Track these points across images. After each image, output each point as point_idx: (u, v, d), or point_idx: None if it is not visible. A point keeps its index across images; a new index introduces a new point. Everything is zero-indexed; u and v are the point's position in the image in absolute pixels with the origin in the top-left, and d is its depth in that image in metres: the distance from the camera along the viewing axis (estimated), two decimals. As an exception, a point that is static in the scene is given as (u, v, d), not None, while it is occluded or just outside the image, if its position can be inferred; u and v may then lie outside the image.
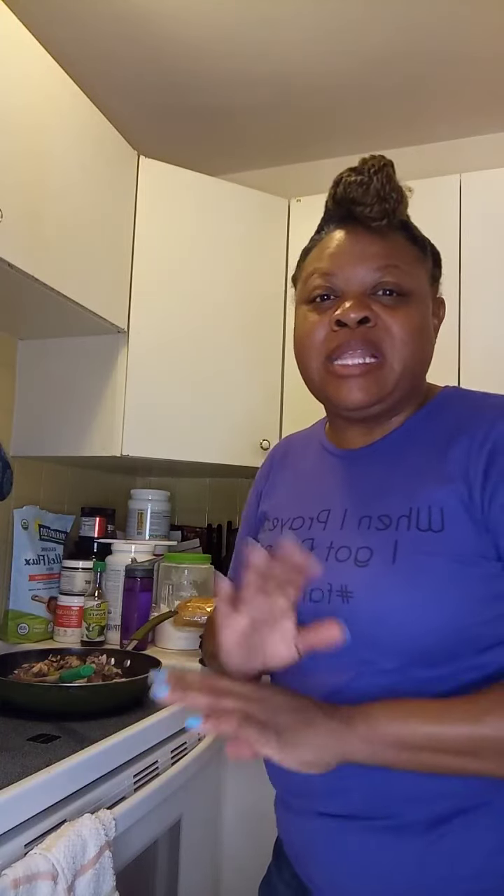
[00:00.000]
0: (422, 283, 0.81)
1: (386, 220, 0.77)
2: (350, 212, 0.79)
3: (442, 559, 0.69)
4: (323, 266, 0.80)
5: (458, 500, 0.72)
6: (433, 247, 0.86)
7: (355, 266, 0.78)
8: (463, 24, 1.70)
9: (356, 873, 0.72)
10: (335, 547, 0.77)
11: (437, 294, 0.86)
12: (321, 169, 2.35)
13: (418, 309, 0.79)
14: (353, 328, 0.76)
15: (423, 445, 0.79)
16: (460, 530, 0.70)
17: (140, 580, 1.73)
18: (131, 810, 0.98)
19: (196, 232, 1.86)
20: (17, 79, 1.32)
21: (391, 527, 0.74)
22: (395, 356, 0.77)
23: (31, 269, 1.36)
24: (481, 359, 1.76)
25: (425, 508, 0.73)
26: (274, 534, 0.87)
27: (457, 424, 0.78)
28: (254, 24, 1.71)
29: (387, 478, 0.79)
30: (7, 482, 1.65)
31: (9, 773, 0.87)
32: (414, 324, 0.78)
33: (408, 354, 0.77)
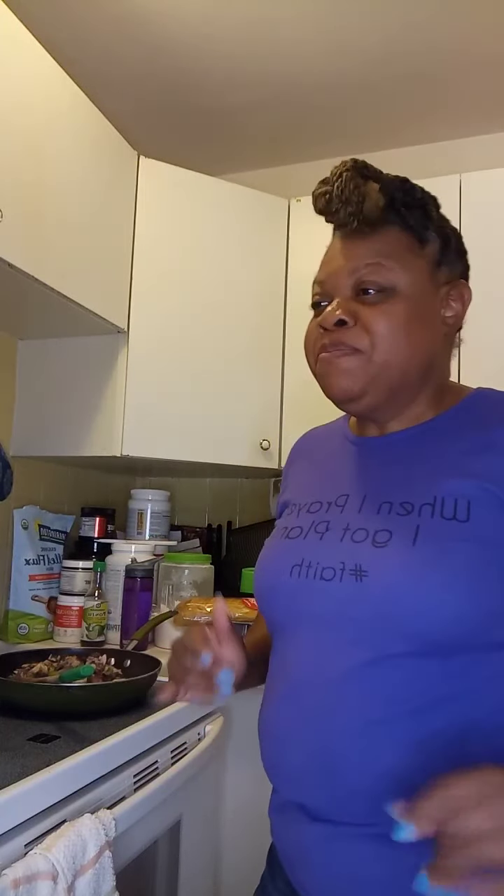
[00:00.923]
0: (414, 275, 0.80)
1: (355, 221, 0.78)
2: (326, 220, 0.83)
3: (466, 545, 0.69)
4: (318, 274, 0.85)
5: (489, 495, 0.72)
6: (444, 230, 0.85)
7: (338, 270, 0.81)
8: (463, 24, 1.70)
9: (349, 882, 0.71)
10: (352, 529, 0.77)
11: (451, 278, 0.84)
12: (321, 169, 2.33)
13: (405, 302, 0.78)
14: (332, 331, 0.79)
15: (449, 441, 0.79)
16: (489, 523, 0.70)
17: (140, 580, 1.73)
18: (131, 810, 0.98)
19: (196, 232, 1.86)
20: (17, 79, 1.33)
21: (413, 513, 0.74)
22: (375, 350, 0.77)
23: (31, 269, 1.36)
24: (482, 358, 1.76)
25: (451, 499, 0.73)
26: (291, 518, 0.88)
27: (493, 423, 0.78)
28: (254, 24, 1.71)
29: (409, 468, 0.79)
30: (7, 482, 1.65)
31: (9, 773, 0.87)
32: (398, 317, 0.78)
33: (390, 347, 0.77)
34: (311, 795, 0.74)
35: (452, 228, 0.86)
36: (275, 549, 0.85)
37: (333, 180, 0.79)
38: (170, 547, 2.04)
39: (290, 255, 1.97)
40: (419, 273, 0.80)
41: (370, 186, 0.80)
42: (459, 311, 0.84)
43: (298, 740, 0.74)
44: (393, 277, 0.78)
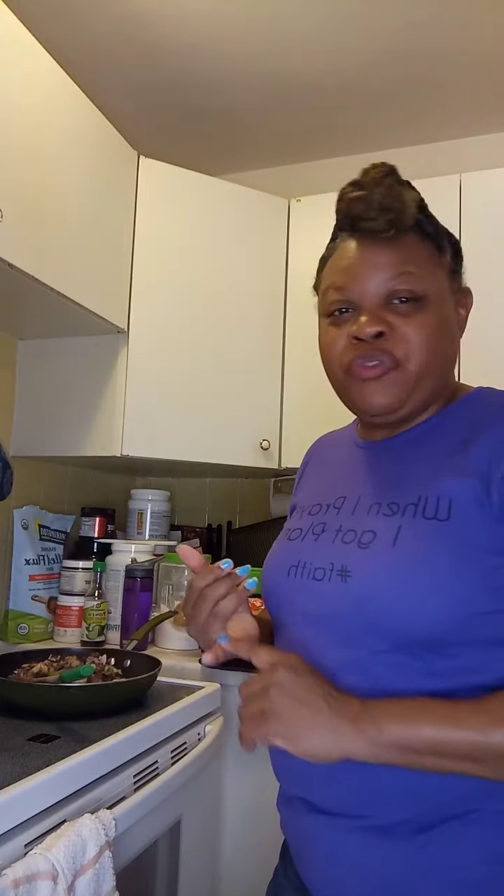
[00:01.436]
0: (438, 282, 0.81)
1: (393, 230, 0.77)
2: (356, 226, 0.80)
3: (443, 546, 0.70)
4: (338, 280, 0.82)
5: (471, 494, 0.72)
6: (451, 237, 0.85)
7: (367, 278, 0.79)
8: (463, 24, 1.70)
9: (348, 873, 0.73)
10: (343, 530, 0.79)
11: (460, 285, 0.85)
12: (321, 169, 2.36)
13: (435, 310, 0.79)
14: (369, 342, 0.78)
15: (443, 440, 0.80)
16: (468, 522, 0.71)
17: (140, 580, 1.73)
18: (131, 810, 0.98)
19: (196, 232, 1.86)
20: (17, 79, 1.33)
21: (398, 513, 0.75)
22: (412, 360, 0.78)
23: (31, 269, 1.36)
24: (482, 358, 1.76)
25: (434, 498, 0.73)
26: (295, 519, 0.90)
27: (480, 421, 0.78)
28: (254, 23, 1.71)
29: (403, 468, 0.81)
30: (7, 482, 1.65)
31: (9, 773, 0.87)
32: (430, 327, 0.78)
33: (425, 357, 0.78)
34: (311, 790, 0.76)
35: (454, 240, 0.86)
36: (278, 550, 0.88)
37: (372, 185, 0.76)
38: (170, 547, 2.04)
39: (290, 255, 1.97)
40: (442, 281, 0.81)
41: (410, 194, 0.78)
42: (464, 318, 0.86)
43: None
44: (423, 286, 0.78)
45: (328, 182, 2.30)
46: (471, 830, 0.69)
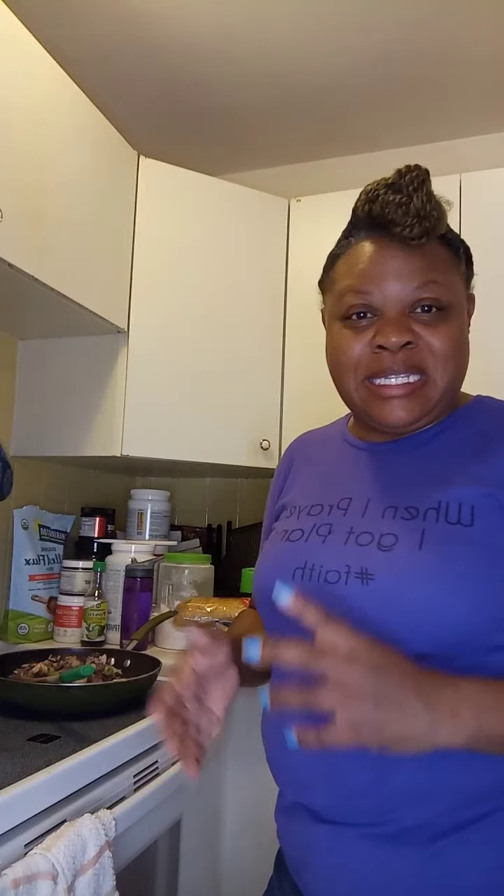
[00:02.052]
0: (459, 291, 0.79)
1: (426, 238, 0.75)
2: (385, 229, 0.77)
3: (471, 549, 0.69)
4: (357, 283, 0.78)
5: (493, 501, 0.72)
6: (464, 244, 0.84)
7: (393, 283, 0.76)
8: (463, 23, 1.70)
9: (355, 885, 0.70)
10: (356, 532, 0.77)
11: (468, 289, 0.85)
12: (321, 169, 2.36)
13: (458, 320, 0.78)
14: (394, 352, 0.75)
15: (452, 447, 0.79)
16: (493, 528, 0.71)
17: (140, 580, 1.73)
18: (131, 810, 0.98)
19: (196, 232, 1.86)
20: (18, 79, 1.33)
21: (418, 517, 0.74)
22: (439, 373, 0.76)
23: (31, 269, 1.36)
24: (482, 359, 1.75)
25: (455, 503, 0.73)
26: (290, 520, 0.87)
27: (492, 430, 0.78)
28: (254, 23, 1.71)
29: (413, 473, 0.79)
30: (7, 482, 1.65)
31: (9, 773, 0.87)
32: (455, 338, 0.77)
33: (451, 369, 0.77)
34: (315, 797, 0.74)
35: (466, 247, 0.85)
36: (276, 552, 0.84)
37: (410, 190, 0.74)
38: (170, 547, 2.04)
39: (290, 255, 1.97)
40: (460, 289, 0.80)
41: (443, 202, 0.77)
42: (469, 323, 0.85)
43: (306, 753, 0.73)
44: (447, 295, 0.77)
45: (328, 182, 2.30)
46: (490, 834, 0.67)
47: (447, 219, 0.77)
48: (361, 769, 0.67)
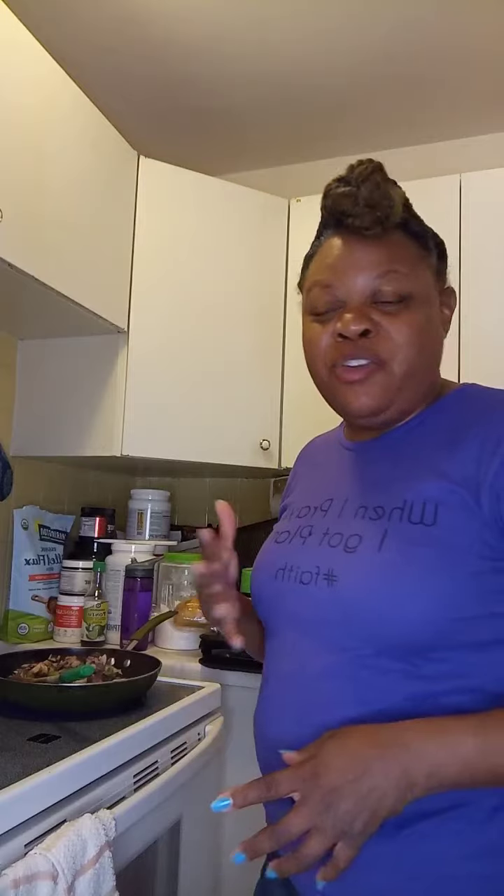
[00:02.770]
0: (424, 282, 0.80)
1: (379, 227, 0.77)
2: (342, 223, 0.79)
3: (430, 550, 0.69)
4: (323, 277, 0.81)
5: (457, 499, 0.71)
6: (437, 238, 0.85)
7: (354, 276, 0.78)
8: (463, 23, 1.70)
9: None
10: (330, 533, 0.79)
11: (444, 285, 0.85)
12: (321, 169, 2.36)
13: (420, 310, 0.79)
14: (354, 340, 0.77)
15: (429, 441, 0.79)
16: (455, 527, 0.70)
17: (140, 580, 1.73)
18: (131, 810, 0.98)
19: (196, 232, 1.86)
20: (17, 79, 1.33)
21: (384, 517, 0.74)
22: (397, 360, 0.77)
23: (31, 269, 1.36)
24: (482, 358, 1.76)
25: (419, 502, 0.73)
26: (284, 522, 0.90)
27: (468, 422, 0.77)
28: (254, 24, 1.71)
29: (389, 470, 0.80)
30: (7, 482, 1.65)
31: (9, 773, 0.87)
32: (416, 326, 0.78)
33: (411, 357, 0.77)
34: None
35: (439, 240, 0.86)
36: (266, 553, 0.88)
37: (359, 181, 0.76)
38: (170, 547, 2.04)
39: (290, 255, 1.97)
40: (427, 280, 0.81)
41: (397, 192, 0.78)
42: (449, 318, 0.85)
43: (281, 740, 0.74)
44: (409, 285, 0.78)
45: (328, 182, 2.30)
46: (454, 826, 0.67)
47: (401, 209, 0.78)
48: None
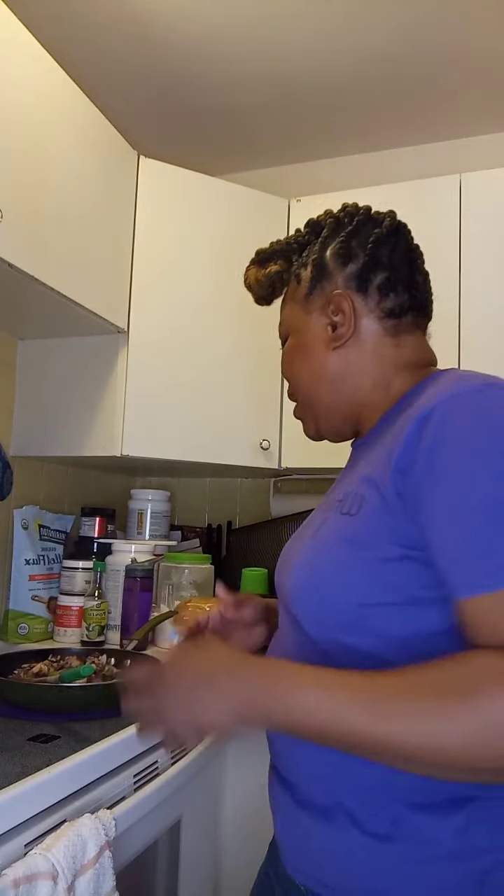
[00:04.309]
0: (294, 316, 0.90)
1: (263, 302, 0.98)
2: None
3: (343, 540, 0.73)
4: None
5: (375, 490, 0.71)
6: (320, 253, 0.86)
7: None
8: (463, 23, 1.70)
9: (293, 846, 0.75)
10: (307, 526, 0.86)
11: (330, 295, 0.85)
12: (321, 169, 2.36)
13: (293, 342, 0.90)
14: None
15: (381, 435, 0.80)
16: (370, 516, 0.71)
17: (140, 580, 1.73)
18: (131, 810, 0.98)
19: (196, 232, 1.86)
20: (17, 79, 1.33)
21: (329, 510, 0.80)
22: (295, 389, 0.91)
23: (31, 269, 1.36)
24: (481, 358, 1.76)
25: (353, 494, 0.75)
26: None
27: (403, 415, 0.75)
28: (254, 23, 1.71)
29: (353, 467, 0.84)
30: (7, 482, 1.65)
31: (9, 773, 0.87)
32: (290, 357, 0.91)
33: (300, 382, 0.89)
34: (277, 756, 0.81)
35: (337, 245, 0.86)
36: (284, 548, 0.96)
37: (246, 272, 0.97)
38: (170, 547, 2.04)
39: (290, 255, 1.97)
40: (296, 313, 0.90)
41: (265, 271, 0.94)
42: (344, 319, 0.84)
43: None
44: (286, 325, 0.92)
45: (328, 182, 2.30)
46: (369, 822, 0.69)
47: (267, 287, 0.95)
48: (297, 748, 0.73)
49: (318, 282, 0.86)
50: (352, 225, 0.85)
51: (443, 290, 1.82)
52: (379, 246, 0.84)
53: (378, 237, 0.84)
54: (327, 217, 0.88)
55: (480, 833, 0.65)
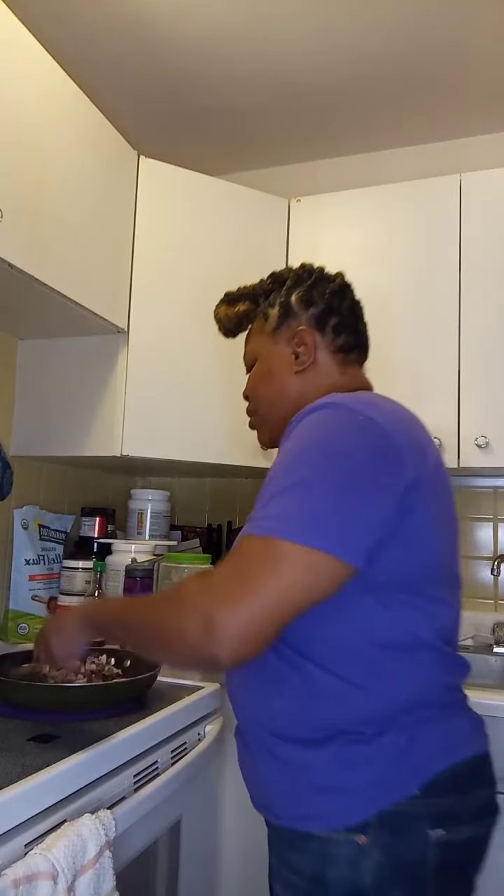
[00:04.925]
0: (259, 346, 1.10)
1: (231, 335, 1.19)
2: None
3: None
4: None
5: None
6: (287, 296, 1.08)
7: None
8: (463, 23, 1.70)
9: (250, 784, 0.97)
10: None
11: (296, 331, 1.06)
12: (321, 169, 2.36)
13: (258, 368, 1.10)
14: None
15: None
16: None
17: (140, 580, 1.73)
18: (131, 810, 0.98)
19: (196, 232, 1.86)
20: (17, 79, 1.33)
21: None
22: (256, 407, 1.11)
23: (31, 269, 1.36)
24: (481, 359, 1.76)
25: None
26: None
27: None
28: (254, 23, 1.71)
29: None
30: (7, 482, 1.65)
31: (9, 773, 0.87)
32: (255, 380, 1.11)
33: (262, 400, 1.09)
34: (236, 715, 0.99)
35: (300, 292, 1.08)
36: None
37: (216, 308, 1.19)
38: (170, 547, 2.04)
39: (290, 255, 1.97)
40: (261, 343, 1.10)
41: (233, 309, 1.15)
42: (306, 350, 1.05)
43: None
44: (252, 355, 1.12)
45: (328, 182, 2.30)
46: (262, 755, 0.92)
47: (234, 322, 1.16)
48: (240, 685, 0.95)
49: (285, 319, 1.07)
50: (311, 279, 1.08)
51: (443, 289, 1.83)
52: (333, 296, 1.07)
53: (332, 290, 1.07)
54: (290, 271, 1.12)
55: (351, 762, 0.84)
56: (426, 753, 0.84)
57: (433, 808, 0.82)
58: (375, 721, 0.84)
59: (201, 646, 0.76)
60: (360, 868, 0.81)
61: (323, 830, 0.83)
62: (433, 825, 0.82)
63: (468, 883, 0.87)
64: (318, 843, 0.83)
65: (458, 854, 0.84)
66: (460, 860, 0.85)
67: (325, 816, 0.84)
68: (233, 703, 0.99)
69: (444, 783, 0.83)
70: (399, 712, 0.84)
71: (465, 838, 0.85)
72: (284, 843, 0.89)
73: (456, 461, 1.74)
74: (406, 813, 0.81)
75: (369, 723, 0.84)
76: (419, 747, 0.83)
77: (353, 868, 0.81)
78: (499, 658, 1.82)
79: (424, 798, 0.82)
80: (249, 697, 0.93)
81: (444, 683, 0.89)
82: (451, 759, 0.85)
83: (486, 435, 1.71)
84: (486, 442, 1.70)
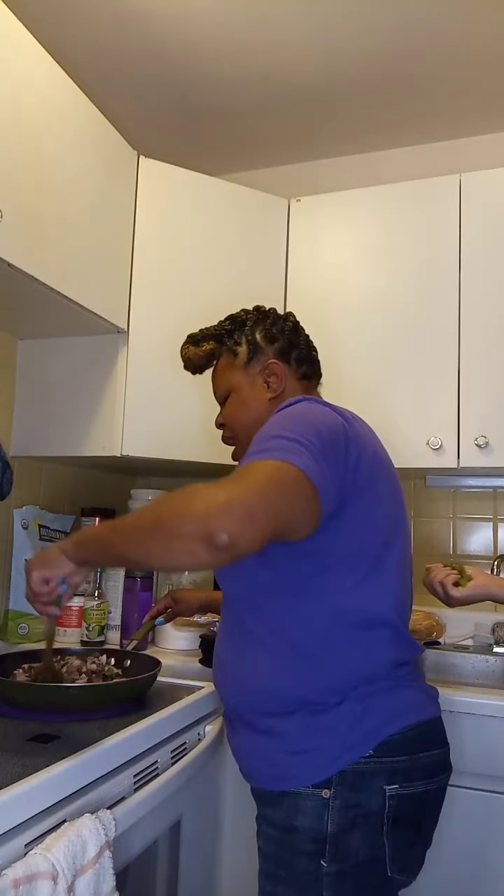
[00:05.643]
0: (233, 379, 1.24)
1: (198, 372, 1.34)
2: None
3: None
4: None
5: None
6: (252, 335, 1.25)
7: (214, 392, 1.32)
8: (463, 23, 1.70)
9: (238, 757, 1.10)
10: None
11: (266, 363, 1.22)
12: (321, 169, 2.36)
13: (234, 398, 1.24)
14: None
15: None
16: None
17: (140, 580, 1.73)
18: (131, 810, 0.98)
19: (196, 232, 1.86)
20: (18, 79, 1.33)
21: None
22: (235, 432, 1.24)
23: (31, 269, 1.36)
24: (481, 360, 1.76)
25: None
26: None
27: None
28: (254, 23, 1.71)
29: None
30: (7, 482, 1.65)
31: (9, 773, 0.87)
32: (233, 409, 1.24)
33: (241, 425, 1.22)
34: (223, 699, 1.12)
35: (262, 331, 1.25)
36: None
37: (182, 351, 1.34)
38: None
39: (290, 255, 1.97)
40: (233, 375, 1.25)
41: (201, 349, 1.30)
42: (276, 380, 1.21)
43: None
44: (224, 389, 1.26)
45: (328, 182, 2.30)
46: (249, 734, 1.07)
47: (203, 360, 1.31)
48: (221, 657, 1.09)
49: (254, 354, 1.24)
50: (269, 318, 1.27)
51: (443, 289, 1.83)
52: (291, 333, 1.26)
53: (289, 328, 1.26)
54: (246, 314, 1.29)
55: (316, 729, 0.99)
56: (378, 719, 0.98)
57: (387, 766, 0.97)
58: (335, 692, 0.99)
59: (210, 516, 0.81)
60: (325, 817, 0.96)
61: (294, 788, 0.98)
62: (388, 781, 0.97)
63: (419, 831, 1.01)
64: (290, 798, 0.99)
65: (410, 806, 0.99)
66: (412, 811, 0.99)
67: (295, 777, 0.98)
68: (219, 689, 1.12)
69: (395, 744, 0.98)
70: (356, 684, 0.99)
71: (418, 792, 0.99)
72: (264, 801, 1.04)
73: (456, 461, 1.74)
74: (363, 771, 0.97)
75: (330, 693, 0.99)
76: (372, 714, 0.98)
77: (318, 818, 0.96)
78: (499, 658, 1.82)
79: (378, 757, 0.97)
80: (230, 682, 1.08)
81: (396, 660, 1.02)
82: (400, 723, 0.99)
83: (486, 435, 1.71)
84: (486, 442, 1.70)
